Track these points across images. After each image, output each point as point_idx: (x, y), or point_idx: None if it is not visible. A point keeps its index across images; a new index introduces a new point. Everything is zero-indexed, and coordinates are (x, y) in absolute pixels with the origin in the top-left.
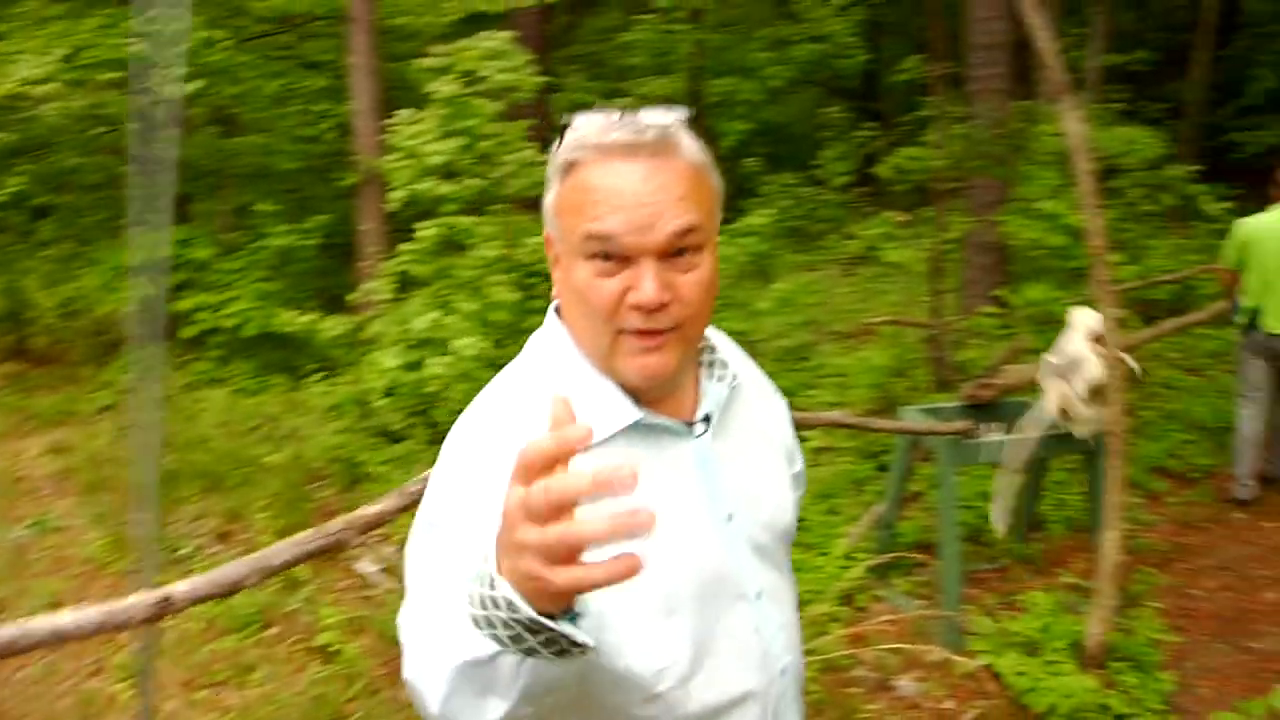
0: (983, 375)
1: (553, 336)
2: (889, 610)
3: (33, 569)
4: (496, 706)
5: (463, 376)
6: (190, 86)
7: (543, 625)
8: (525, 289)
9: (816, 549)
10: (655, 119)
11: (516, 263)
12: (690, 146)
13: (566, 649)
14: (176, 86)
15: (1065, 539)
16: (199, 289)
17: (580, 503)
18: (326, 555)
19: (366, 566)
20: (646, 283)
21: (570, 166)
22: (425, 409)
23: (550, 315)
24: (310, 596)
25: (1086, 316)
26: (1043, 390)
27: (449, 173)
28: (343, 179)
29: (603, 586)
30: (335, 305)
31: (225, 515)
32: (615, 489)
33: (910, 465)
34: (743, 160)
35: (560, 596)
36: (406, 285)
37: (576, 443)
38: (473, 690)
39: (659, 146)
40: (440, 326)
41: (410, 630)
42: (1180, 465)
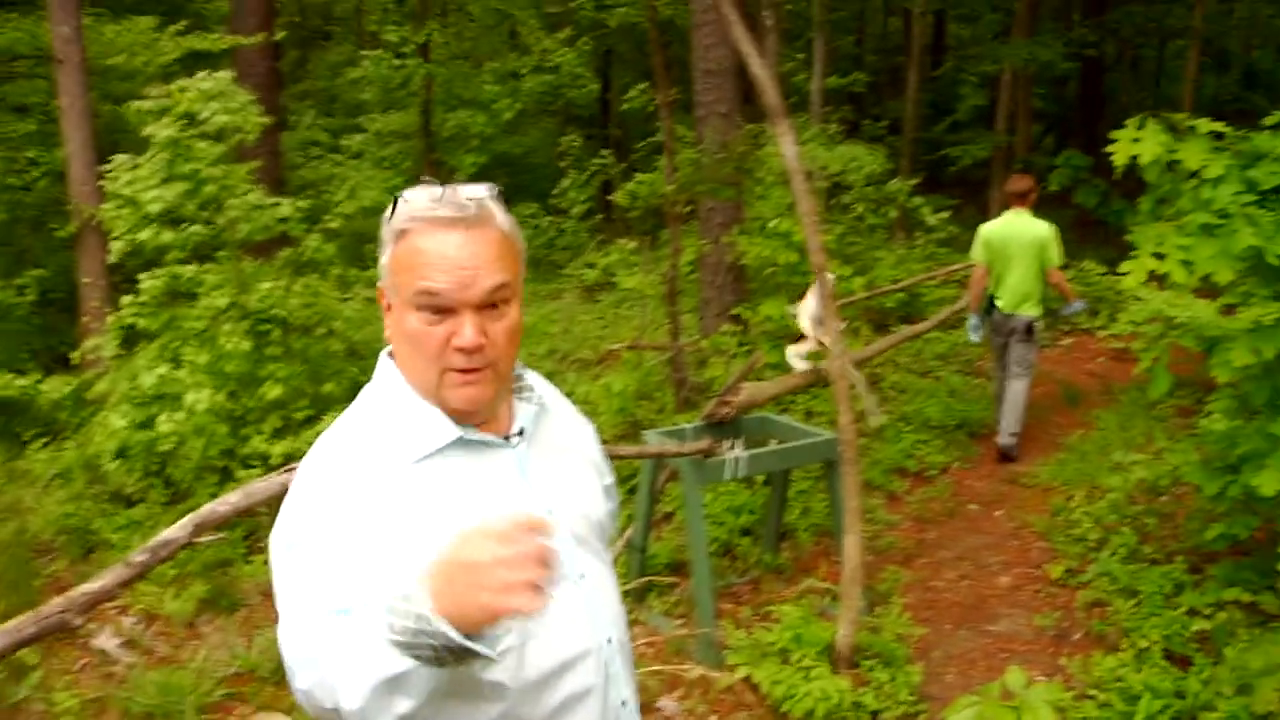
0: (720, 394)
1: (384, 376)
2: (647, 632)
3: None
4: (405, 704)
5: (198, 432)
6: None
7: (467, 649)
8: (259, 336)
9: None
10: (473, 193)
11: (248, 310)
12: (501, 216)
13: (471, 659)
14: None
15: (812, 546)
16: None
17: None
18: (53, 637)
19: (106, 641)
20: (466, 330)
21: (403, 233)
22: (160, 469)
23: (382, 358)
24: (40, 682)
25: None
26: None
27: (174, 219)
28: (59, 229)
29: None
30: (59, 364)
31: None
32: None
33: (658, 487)
34: None
35: (487, 622)
36: (133, 339)
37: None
38: (388, 695)
39: (476, 218)
40: (171, 381)
41: (303, 646)
42: (917, 465)
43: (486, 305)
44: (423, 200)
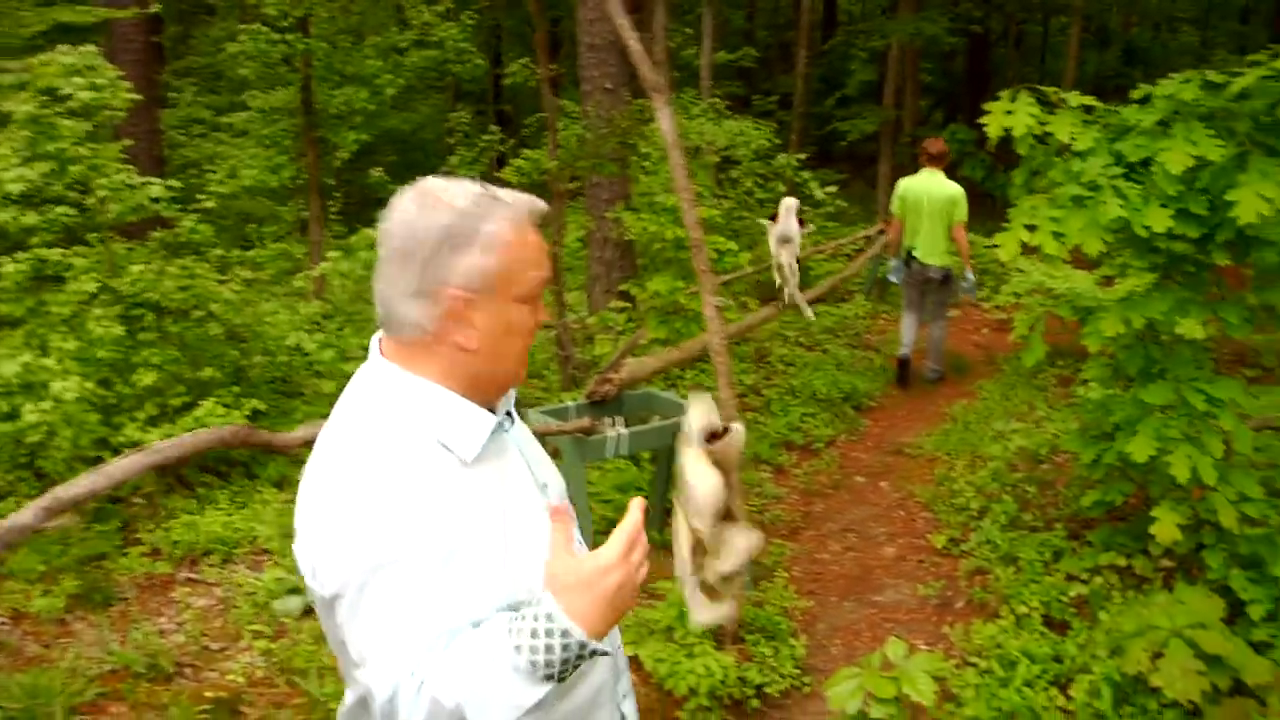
0: (603, 370)
1: (398, 378)
2: None
3: None
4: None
5: (67, 421)
6: None
7: (599, 650)
8: (132, 321)
9: None
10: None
11: (120, 294)
12: None
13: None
14: None
15: None
16: None
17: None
18: None
19: None
20: (541, 310)
21: (519, 228)
22: (30, 460)
23: (379, 358)
24: None
25: (792, 203)
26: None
27: (39, 201)
28: None
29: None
30: None
31: None
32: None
33: None
34: (369, 171)
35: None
36: None
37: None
38: (526, 716)
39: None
40: (37, 370)
41: (407, 695)
42: (803, 438)
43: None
44: (525, 200)
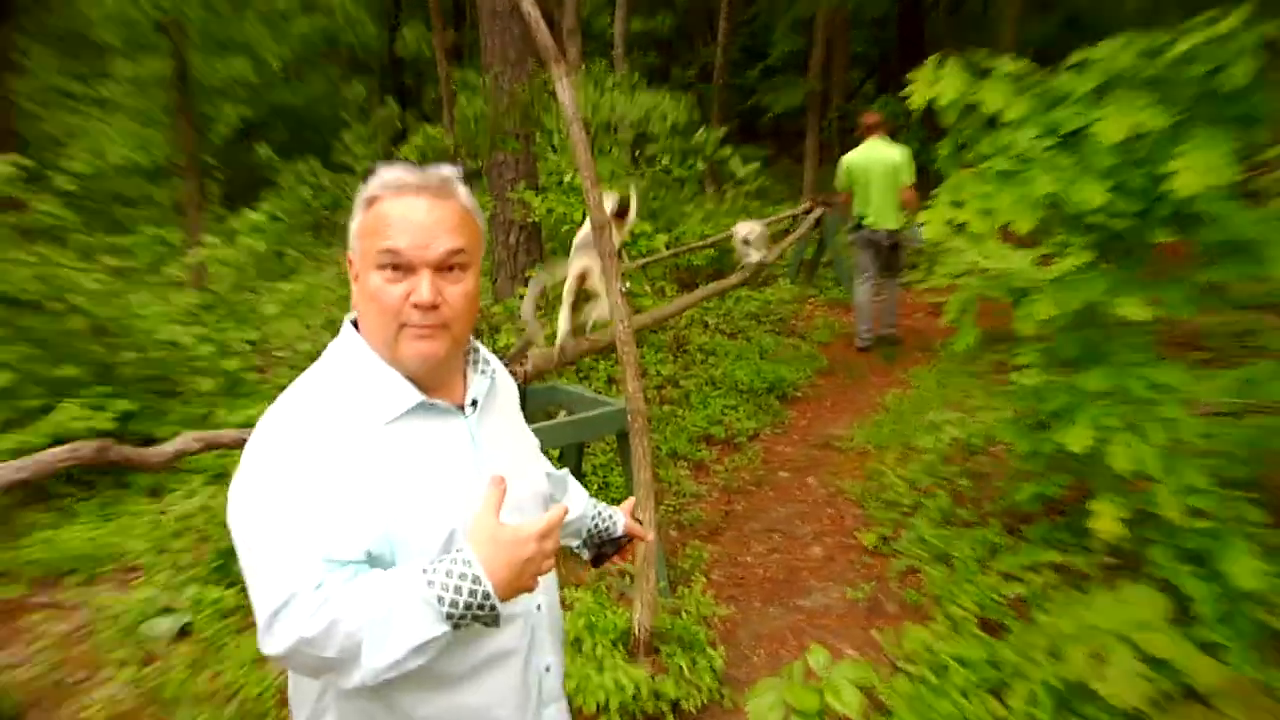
0: (509, 361)
1: (349, 343)
2: None
3: None
4: (415, 664)
5: None
6: None
7: (495, 618)
8: None
9: None
10: (439, 170)
11: None
12: (463, 194)
13: (484, 625)
14: None
15: None
16: None
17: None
18: None
19: None
20: (424, 286)
21: (372, 200)
22: None
23: (346, 326)
24: None
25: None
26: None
27: None
28: None
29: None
30: None
31: None
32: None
33: None
34: (255, 149)
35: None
36: None
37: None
38: (414, 657)
39: (439, 190)
40: None
41: (313, 604)
42: (724, 432)
43: (444, 267)
44: (394, 172)
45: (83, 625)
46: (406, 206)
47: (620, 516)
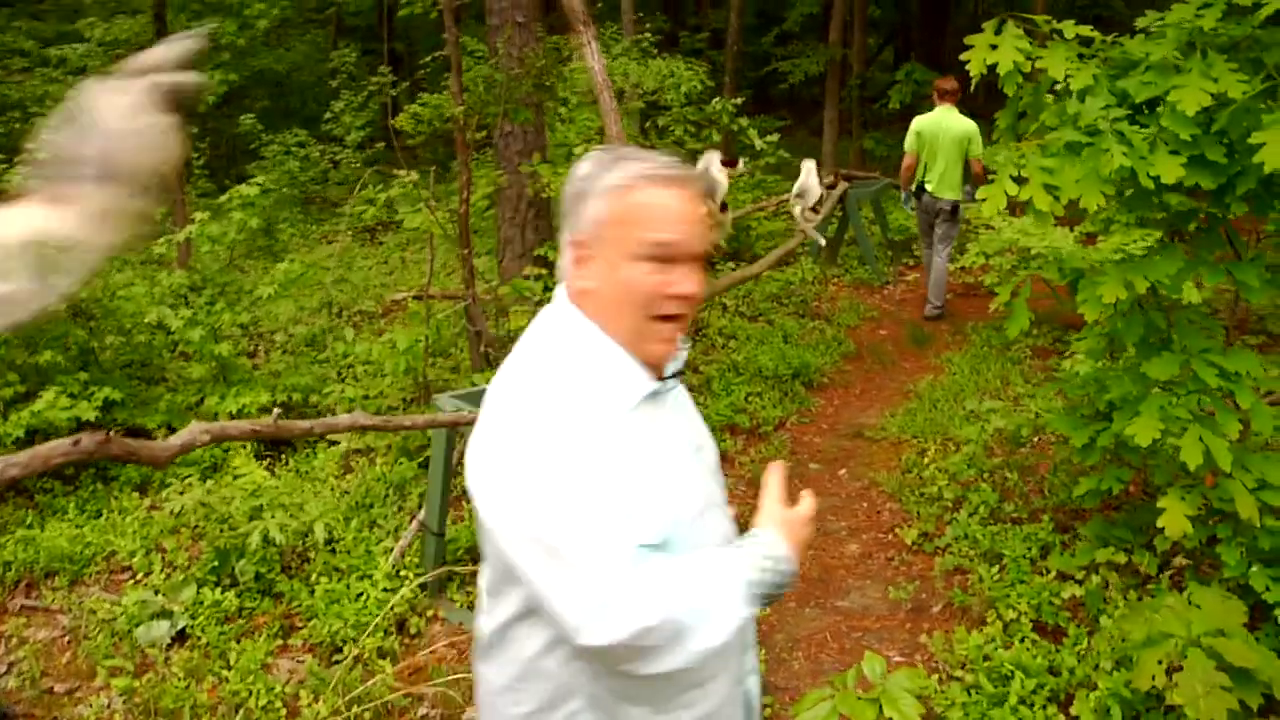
0: None
1: (583, 326)
2: (450, 632)
3: None
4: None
5: None
6: None
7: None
8: None
9: (356, 572)
10: (673, 159)
11: None
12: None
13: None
14: None
15: None
16: None
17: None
18: None
19: None
20: (691, 280)
21: (624, 189)
22: None
23: (567, 307)
24: None
25: (810, 163)
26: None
27: None
28: None
29: None
30: None
31: None
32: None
33: (454, 460)
34: (238, 118)
35: None
36: None
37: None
38: (735, 635)
39: (689, 180)
40: None
41: (634, 588)
42: (750, 420)
43: (700, 259)
44: (643, 161)
45: (69, 630)
46: (669, 198)
47: None
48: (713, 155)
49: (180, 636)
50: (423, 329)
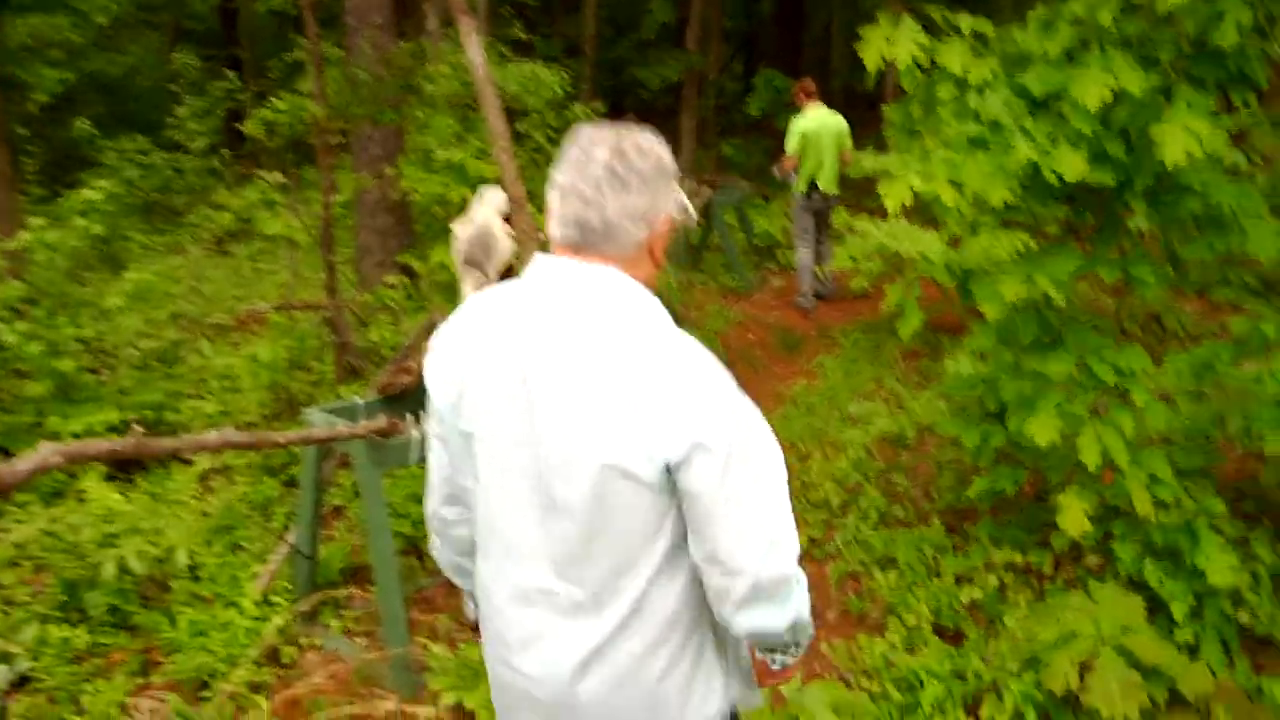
0: (397, 359)
1: (632, 285)
2: (326, 659)
3: None
4: None
5: None
6: None
7: None
8: None
9: (222, 599)
10: None
11: None
12: None
13: None
14: None
15: None
16: None
17: None
18: None
19: None
20: None
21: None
22: None
23: (640, 288)
24: None
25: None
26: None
27: None
28: None
29: None
30: None
31: None
32: None
33: (323, 477)
34: (72, 121)
35: None
36: None
37: None
38: None
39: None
40: None
41: (796, 541)
42: None
43: None
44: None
45: None
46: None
47: None
48: (493, 197)
49: (22, 682)
50: (286, 340)
